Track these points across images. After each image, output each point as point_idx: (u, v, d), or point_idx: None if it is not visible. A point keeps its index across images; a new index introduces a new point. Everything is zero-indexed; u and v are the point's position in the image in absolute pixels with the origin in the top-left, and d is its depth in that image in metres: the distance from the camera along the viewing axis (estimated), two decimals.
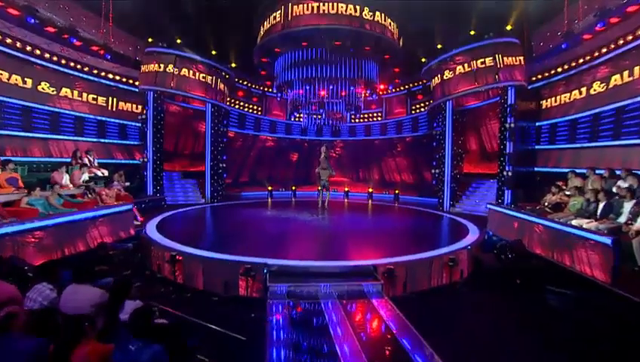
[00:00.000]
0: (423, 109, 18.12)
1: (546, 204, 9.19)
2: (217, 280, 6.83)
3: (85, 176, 10.46)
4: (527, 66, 12.39)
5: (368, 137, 20.57)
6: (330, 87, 13.57)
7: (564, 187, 9.13)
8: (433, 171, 15.29)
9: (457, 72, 13.07)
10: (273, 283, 6.28)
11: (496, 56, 12.10)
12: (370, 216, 13.70)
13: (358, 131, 20.95)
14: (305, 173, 20.94)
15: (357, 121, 20.74)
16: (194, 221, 11.91)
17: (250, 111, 19.54)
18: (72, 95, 12.71)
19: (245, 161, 20.01)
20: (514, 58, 12.08)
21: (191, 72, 14.03)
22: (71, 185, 9.86)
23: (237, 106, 18.93)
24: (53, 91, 12.06)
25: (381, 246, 8.62)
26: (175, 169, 16.68)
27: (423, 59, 14.41)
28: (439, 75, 13.74)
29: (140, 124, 14.37)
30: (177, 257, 7.29)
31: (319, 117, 15.35)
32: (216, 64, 15.05)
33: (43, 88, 11.72)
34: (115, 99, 14.26)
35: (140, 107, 14.73)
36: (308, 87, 13.73)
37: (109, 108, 14.04)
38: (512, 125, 12.12)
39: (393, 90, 19.29)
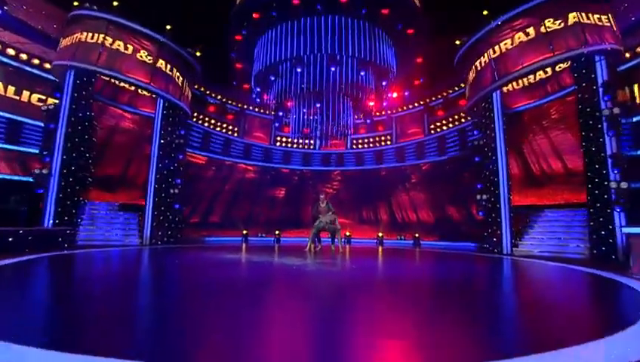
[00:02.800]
0: (445, 127, 14.00)
1: None
2: None
3: None
4: None
5: (375, 166, 16.04)
6: (332, 70, 9.31)
7: None
8: (479, 198, 10.55)
9: (519, 41, 9.01)
10: None
11: (577, 12, 8.19)
12: (399, 263, 8.39)
13: (361, 159, 16.45)
14: (294, 214, 16.13)
15: (360, 146, 16.38)
16: (76, 270, 6.47)
17: (224, 131, 15.10)
18: None
19: (218, 196, 15.13)
20: (600, 16, 8.20)
21: (130, 47, 9.66)
22: None
23: (206, 124, 14.54)
24: None
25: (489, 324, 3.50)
26: (119, 200, 11.73)
27: (458, 42, 10.47)
28: (488, 53, 9.65)
29: (42, 124, 9.43)
30: None
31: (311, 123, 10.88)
32: (172, 43, 10.77)
33: None
34: (15, 87, 9.65)
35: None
36: (300, 71, 9.46)
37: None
38: (616, 111, 7.78)
39: (405, 108, 15.28)
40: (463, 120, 13.25)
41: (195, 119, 14.04)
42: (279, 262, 7.07)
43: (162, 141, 11.03)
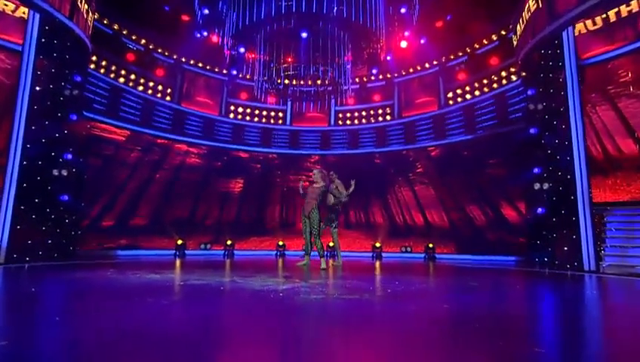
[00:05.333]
0: (469, 96, 11.43)
1: None
2: None
3: None
4: None
5: (371, 150, 13.21)
6: None
7: None
8: (537, 187, 7.93)
9: None
10: None
11: None
12: (447, 287, 5.32)
13: (350, 139, 13.43)
14: (255, 216, 13.08)
15: (348, 122, 13.39)
16: None
17: (150, 92, 11.48)
18: None
19: (145, 188, 11.64)
20: None
21: None
22: None
23: (121, 79, 10.84)
24: None
25: None
26: None
27: None
28: None
29: None
30: None
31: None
32: None
33: None
34: None
35: None
36: None
37: None
38: None
39: (412, 71, 12.47)
40: (495, 85, 10.72)
41: (103, 70, 10.34)
42: (249, 286, 3.82)
43: (38, 88, 7.29)
